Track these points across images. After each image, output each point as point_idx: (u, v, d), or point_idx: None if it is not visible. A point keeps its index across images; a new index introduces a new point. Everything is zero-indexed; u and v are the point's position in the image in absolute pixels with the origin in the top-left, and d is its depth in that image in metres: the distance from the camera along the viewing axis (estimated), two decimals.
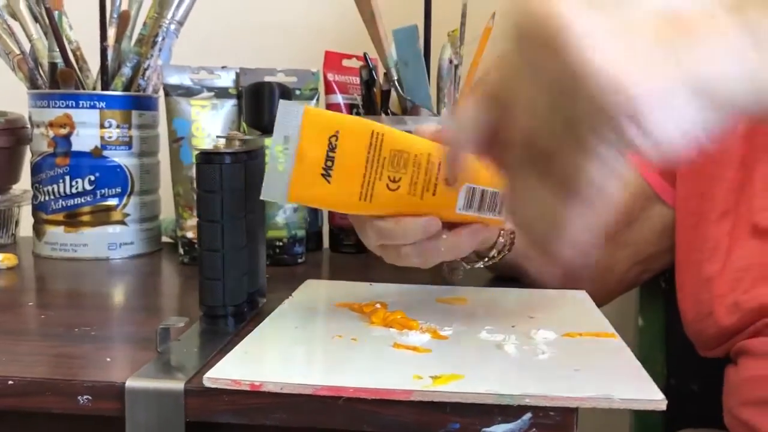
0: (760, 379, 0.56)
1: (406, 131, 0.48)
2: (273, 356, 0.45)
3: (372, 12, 0.70)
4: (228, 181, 0.49)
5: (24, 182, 0.84)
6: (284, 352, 0.46)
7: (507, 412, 0.38)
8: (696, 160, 0.64)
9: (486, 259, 0.61)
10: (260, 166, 0.54)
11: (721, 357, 0.62)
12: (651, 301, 0.78)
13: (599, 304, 0.73)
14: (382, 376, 0.40)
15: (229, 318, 0.51)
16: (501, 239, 0.60)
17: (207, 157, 0.49)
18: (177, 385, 0.40)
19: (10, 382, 0.41)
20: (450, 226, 0.48)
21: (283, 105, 0.47)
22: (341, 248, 0.82)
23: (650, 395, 0.38)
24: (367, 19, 0.71)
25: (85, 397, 0.40)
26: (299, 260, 0.74)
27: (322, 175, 0.46)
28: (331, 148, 0.46)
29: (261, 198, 0.48)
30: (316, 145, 0.46)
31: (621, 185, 0.34)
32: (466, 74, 0.77)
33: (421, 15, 0.75)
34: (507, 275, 0.68)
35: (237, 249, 0.51)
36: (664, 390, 0.74)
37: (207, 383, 0.39)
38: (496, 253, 0.60)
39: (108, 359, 0.45)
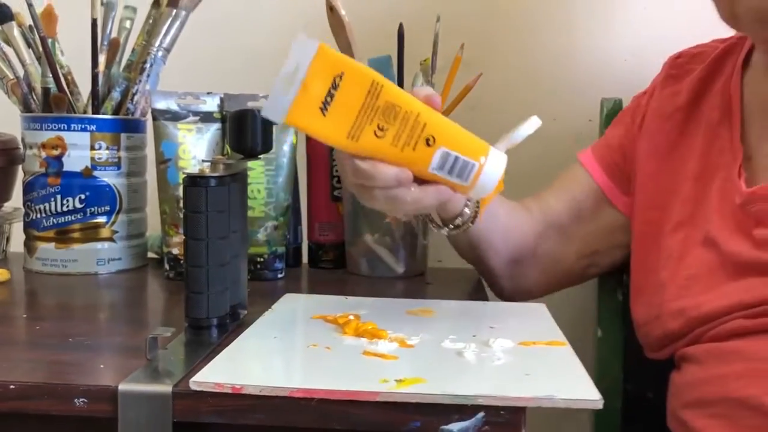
0: (697, 382, 0.61)
1: None
2: (253, 363, 0.49)
3: (348, 42, 0.75)
4: (213, 203, 0.53)
5: (14, 200, 0.88)
6: (264, 359, 0.50)
7: (462, 411, 0.42)
8: (655, 173, 0.69)
9: (451, 227, 0.65)
10: (243, 188, 0.59)
11: (665, 359, 0.67)
12: (609, 313, 0.83)
13: (545, 293, 0.79)
14: (351, 380, 0.44)
15: (213, 329, 0.55)
16: (467, 210, 0.64)
17: (193, 180, 0.53)
18: (165, 388, 0.44)
19: (12, 386, 0.44)
20: (420, 181, 0.53)
21: (301, 37, 0.50)
22: (320, 264, 0.86)
23: (589, 395, 0.42)
24: (343, 48, 0.76)
25: (81, 399, 0.44)
26: (279, 275, 0.79)
27: (320, 108, 0.50)
28: (334, 86, 0.50)
29: (261, 114, 0.52)
30: (322, 79, 0.50)
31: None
32: None
33: (394, 45, 0.81)
34: (467, 254, 0.74)
35: (220, 265, 0.55)
36: (622, 396, 0.80)
37: (193, 386, 0.43)
38: (461, 222, 0.64)
39: (101, 366, 0.49)
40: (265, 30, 1.03)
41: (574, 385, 0.44)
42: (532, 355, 0.50)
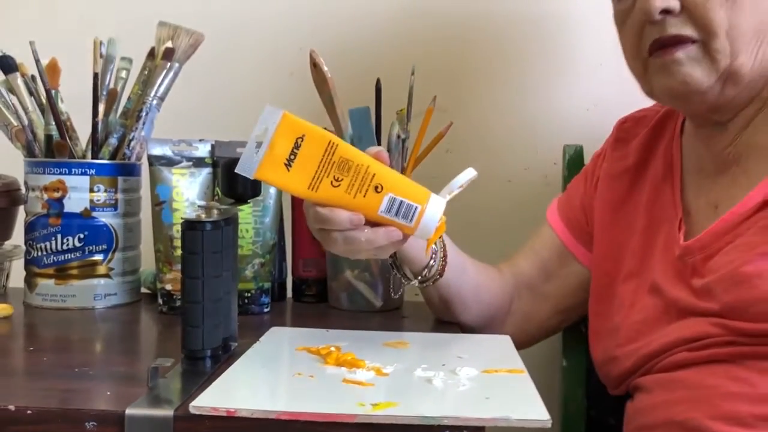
0: (646, 408, 0.67)
1: None
2: (245, 389, 0.55)
3: (331, 96, 0.81)
4: (208, 245, 0.59)
5: (14, 239, 0.93)
6: (254, 386, 0.56)
7: (430, 431, 0.48)
8: (608, 228, 0.76)
9: (420, 278, 0.73)
10: (235, 231, 0.65)
11: (624, 394, 0.74)
12: (573, 345, 0.89)
13: (522, 347, 0.85)
14: (332, 404, 0.50)
15: (207, 359, 0.60)
16: (432, 262, 0.73)
17: (191, 225, 0.59)
18: (167, 412, 0.50)
19: (29, 412, 0.50)
20: (373, 224, 0.60)
21: (268, 107, 0.59)
22: (303, 298, 0.92)
23: (539, 416, 0.48)
24: (326, 101, 0.83)
25: (91, 423, 0.49)
26: (265, 309, 0.84)
27: (285, 164, 0.59)
28: (296, 146, 0.59)
29: (236, 171, 0.60)
30: (286, 141, 0.59)
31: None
32: (412, 146, 0.89)
33: (372, 97, 0.88)
34: (441, 310, 0.80)
35: (214, 301, 0.61)
36: (586, 421, 0.86)
37: (192, 410, 0.49)
38: (428, 274, 0.73)
39: (108, 393, 0.54)
40: (251, 80, 1.10)
41: (527, 407, 0.50)
42: (494, 382, 0.56)
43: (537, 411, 0.49)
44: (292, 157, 0.59)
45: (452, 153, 1.05)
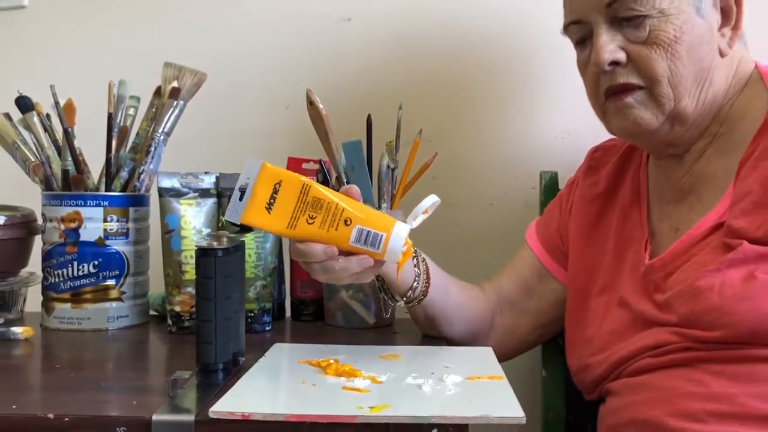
0: (615, 410, 0.75)
1: None
2: (256, 396, 0.61)
3: (326, 130, 0.89)
4: (220, 270, 0.66)
5: (31, 266, 1.00)
6: (264, 393, 0.63)
7: (420, 429, 0.55)
8: (582, 249, 0.84)
9: (405, 299, 0.81)
10: (242, 256, 0.72)
11: (598, 399, 0.81)
12: (552, 357, 0.96)
13: (504, 359, 0.92)
14: (334, 408, 0.57)
15: (219, 372, 0.67)
16: (416, 284, 0.80)
17: (205, 252, 0.67)
18: (189, 417, 0.56)
19: (66, 419, 0.56)
20: (348, 254, 0.67)
21: (249, 159, 0.67)
22: (301, 317, 0.99)
23: (515, 414, 0.55)
24: (321, 135, 0.90)
25: (122, 428, 0.56)
26: (267, 328, 0.91)
27: (266, 208, 0.67)
28: (275, 191, 0.67)
29: (224, 217, 0.67)
30: (266, 187, 0.67)
31: None
32: (401, 175, 0.96)
33: (364, 130, 0.95)
34: (427, 327, 0.86)
35: (225, 320, 0.67)
36: (565, 427, 0.92)
37: (211, 415, 0.56)
38: (412, 294, 0.81)
39: (134, 402, 0.61)
40: (250, 114, 1.18)
41: (505, 407, 0.57)
42: (476, 387, 0.63)
43: (513, 410, 0.56)
44: (272, 201, 0.67)
45: (438, 180, 1.12)
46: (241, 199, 0.67)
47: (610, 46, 0.74)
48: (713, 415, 0.66)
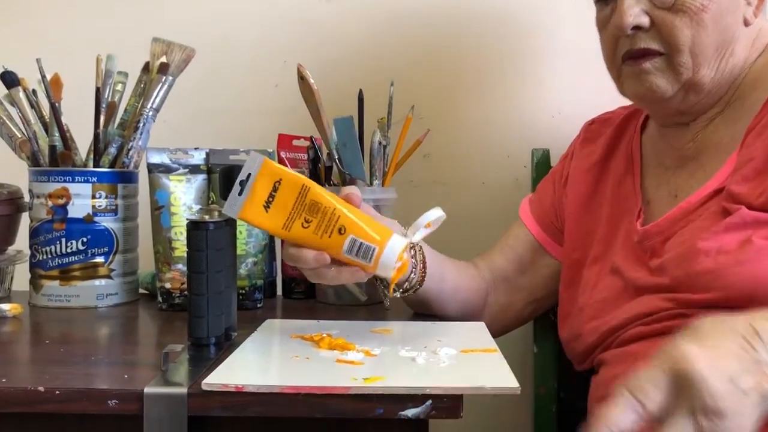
0: (606, 380, 0.75)
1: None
2: (249, 369, 0.61)
3: (317, 106, 0.88)
4: (212, 243, 0.66)
5: (18, 244, 0.99)
6: (257, 366, 0.62)
7: (415, 400, 0.55)
8: (579, 219, 0.84)
9: (401, 290, 0.79)
10: (233, 231, 0.71)
11: (588, 369, 0.81)
12: (543, 333, 0.97)
13: (497, 335, 0.92)
14: (328, 380, 0.57)
15: (211, 346, 0.67)
16: (412, 275, 0.79)
17: (196, 225, 0.66)
18: (181, 390, 0.56)
19: (57, 392, 0.56)
20: (339, 263, 0.66)
21: (252, 153, 0.66)
22: (292, 295, 0.99)
23: (510, 384, 0.55)
24: (313, 111, 0.89)
25: (113, 401, 0.55)
26: (258, 305, 0.91)
27: (264, 206, 0.65)
28: (274, 189, 0.65)
29: (222, 212, 0.66)
30: (265, 185, 0.65)
31: None
32: (392, 152, 0.96)
33: (355, 107, 0.95)
34: (420, 309, 0.86)
35: (217, 293, 0.67)
36: (556, 403, 0.93)
37: (204, 387, 0.55)
38: (409, 286, 0.79)
39: (125, 376, 0.60)
40: (239, 92, 1.17)
41: (499, 378, 0.57)
42: (470, 359, 0.63)
43: (508, 381, 0.56)
44: (270, 199, 0.65)
45: (430, 158, 1.12)
46: (240, 194, 0.65)
47: (634, 9, 0.72)
48: None
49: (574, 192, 0.88)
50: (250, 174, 0.65)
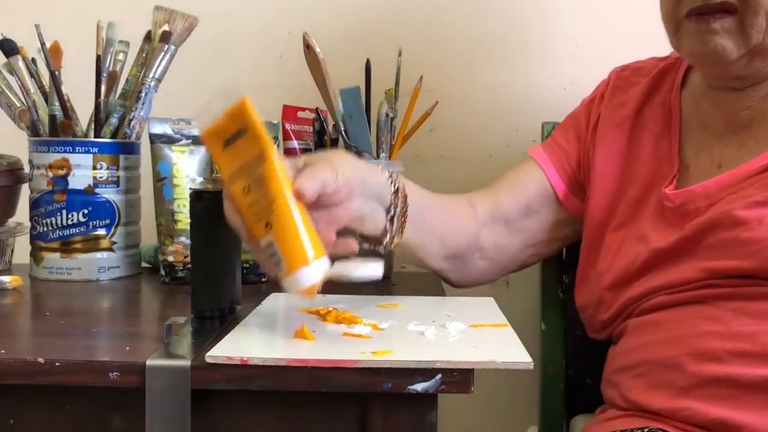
0: (626, 351, 0.73)
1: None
2: (255, 341, 0.60)
3: (323, 76, 0.86)
4: (215, 213, 0.64)
5: (18, 216, 0.97)
6: (263, 338, 0.61)
7: (424, 374, 0.53)
8: (607, 176, 0.80)
9: (382, 244, 0.72)
10: None
11: (604, 339, 0.79)
12: (551, 309, 0.95)
13: (494, 277, 0.88)
14: (335, 353, 0.55)
15: (215, 319, 0.65)
16: (389, 225, 0.71)
17: (199, 195, 0.64)
18: (185, 363, 0.54)
19: (57, 363, 0.54)
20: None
21: (232, 83, 0.59)
22: None
23: (522, 359, 0.54)
24: (318, 82, 0.87)
25: (114, 373, 0.54)
26: (262, 279, 0.89)
27: (226, 141, 0.59)
28: (239, 133, 0.58)
29: (191, 118, 0.61)
30: (235, 122, 0.58)
31: None
32: (400, 124, 0.93)
33: (362, 77, 0.92)
34: (408, 258, 0.81)
35: (220, 265, 0.65)
36: (564, 381, 0.91)
37: (208, 360, 0.54)
38: (389, 239, 0.72)
39: (127, 348, 0.59)
40: (243, 63, 1.14)
41: (511, 353, 0.56)
42: (481, 334, 0.62)
43: (521, 355, 0.55)
44: (232, 140, 0.59)
45: (436, 131, 1.10)
46: (214, 113, 0.59)
47: None
48: (733, 354, 0.64)
49: (604, 146, 0.83)
50: (233, 96, 0.59)
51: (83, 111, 0.92)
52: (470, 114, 1.11)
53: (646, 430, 0.65)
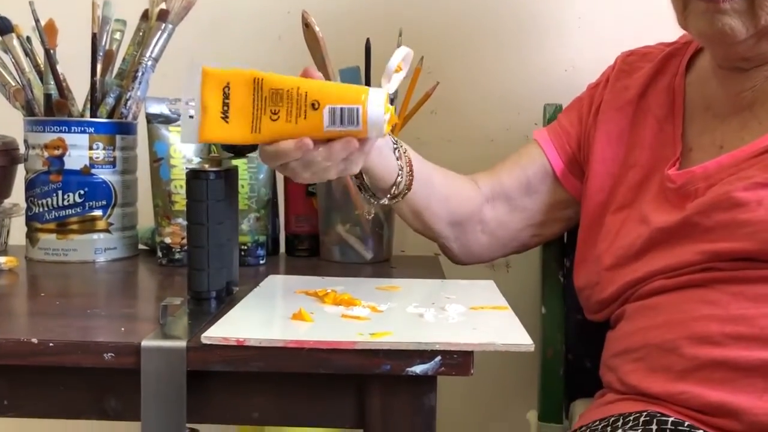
0: (624, 335, 0.73)
1: None
2: (252, 322, 0.59)
3: (322, 55, 0.85)
4: (212, 193, 0.63)
5: (14, 197, 0.96)
6: (260, 320, 0.60)
7: (423, 356, 0.53)
8: (606, 159, 0.80)
9: (389, 195, 0.74)
10: (235, 182, 0.68)
11: (602, 321, 0.78)
12: (551, 293, 0.94)
13: (496, 255, 0.89)
14: (334, 334, 0.54)
15: (212, 300, 0.64)
16: (399, 179, 0.74)
17: (196, 174, 0.63)
18: (180, 343, 0.54)
19: (51, 344, 0.53)
20: (325, 144, 0.59)
21: (187, 70, 0.58)
22: (296, 252, 0.96)
23: (523, 341, 0.53)
24: (318, 61, 0.86)
25: (109, 354, 0.53)
26: (261, 261, 0.88)
27: (222, 118, 0.58)
28: (226, 96, 0.58)
29: (181, 142, 0.60)
30: (214, 96, 0.58)
31: None
32: (400, 105, 0.92)
33: (362, 57, 0.91)
34: (413, 221, 0.82)
35: (218, 246, 0.64)
36: (564, 365, 0.91)
37: (204, 341, 0.53)
38: (397, 191, 0.74)
39: (122, 329, 0.58)
40: (241, 43, 1.13)
41: (511, 335, 0.55)
42: (480, 316, 0.61)
43: (521, 337, 0.54)
44: (226, 108, 0.58)
45: (437, 114, 1.09)
46: (191, 116, 0.58)
47: None
48: (731, 337, 0.64)
49: (604, 129, 0.83)
50: (194, 93, 0.58)
51: (79, 91, 0.91)
52: (471, 96, 1.10)
53: (644, 413, 0.65)
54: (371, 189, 0.75)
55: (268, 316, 0.62)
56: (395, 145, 0.75)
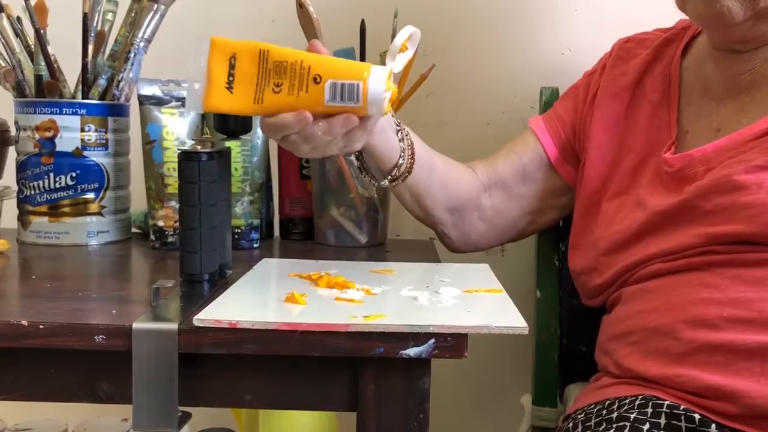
0: (621, 319, 0.72)
1: None
2: (245, 305, 0.58)
3: (317, 36, 0.83)
4: (204, 174, 0.62)
5: (5, 179, 0.95)
6: (253, 302, 0.59)
7: (417, 338, 0.52)
8: (602, 145, 0.79)
9: (390, 177, 0.75)
10: (227, 164, 0.67)
11: (598, 306, 0.78)
12: (547, 277, 0.94)
13: (494, 243, 0.90)
14: (327, 317, 0.54)
15: (205, 283, 0.64)
16: (401, 160, 0.75)
17: (188, 155, 0.62)
18: (172, 326, 0.53)
19: (41, 326, 0.53)
20: (325, 118, 0.60)
21: (195, 41, 0.60)
22: (290, 236, 0.96)
23: (517, 324, 0.52)
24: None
25: (100, 336, 0.53)
26: (255, 245, 0.88)
27: (227, 87, 0.59)
28: (231, 66, 0.59)
29: (185, 109, 0.60)
30: (221, 65, 0.59)
31: None
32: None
33: (357, 39, 0.90)
34: (412, 205, 0.82)
35: (211, 228, 0.64)
36: (559, 349, 0.91)
37: (196, 323, 0.53)
38: (397, 172, 0.75)
39: (114, 311, 0.57)
40: (234, 26, 1.11)
41: (506, 318, 0.54)
42: (475, 299, 0.61)
43: (515, 320, 0.53)
44: (231, 78, 0.59)
45: (433, 97, 1.08)
46: (197, 85, 0.59)
47: None
48: (728, 320, 0.64)
49: (601, 116, 0.82)
50: (201, 62, 0.59)
51: (71, 73, 0.89)
52: (467, 80, 1.09)
53: (640, 397, 0.65)
54: (372, 170, 0.76)
55: (261, 298, 0.61)
56: (398, 127, 0.75)
